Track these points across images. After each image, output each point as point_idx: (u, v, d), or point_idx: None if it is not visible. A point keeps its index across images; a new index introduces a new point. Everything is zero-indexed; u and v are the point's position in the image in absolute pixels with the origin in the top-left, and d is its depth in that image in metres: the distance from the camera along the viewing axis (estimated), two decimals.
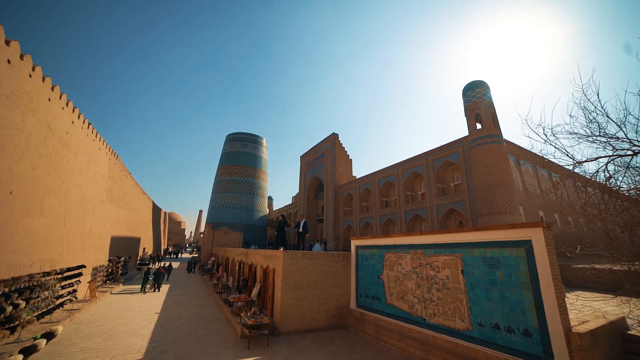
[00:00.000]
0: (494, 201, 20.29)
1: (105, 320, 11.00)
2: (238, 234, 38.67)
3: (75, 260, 13.26)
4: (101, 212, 18.10)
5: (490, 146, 21.67)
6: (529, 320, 6.05)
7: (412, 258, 9.62)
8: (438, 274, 8.59)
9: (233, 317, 11.58)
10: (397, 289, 10.02)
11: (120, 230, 23.96)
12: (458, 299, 7.79)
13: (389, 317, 10.04)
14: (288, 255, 11.07)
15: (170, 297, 16.61)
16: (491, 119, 22.61)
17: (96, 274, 16.66)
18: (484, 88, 23.67)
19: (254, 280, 14.25)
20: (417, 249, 9.51)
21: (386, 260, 10.77)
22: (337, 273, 12.04)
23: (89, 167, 15.57)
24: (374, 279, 11.17)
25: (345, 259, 12.41)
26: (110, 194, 20.13)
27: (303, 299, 11.01)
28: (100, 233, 18.07)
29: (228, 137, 55.92)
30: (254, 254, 15.15)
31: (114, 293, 16.90)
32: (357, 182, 36.98)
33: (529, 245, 6.37)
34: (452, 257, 8.27)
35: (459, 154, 24.85)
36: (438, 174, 26.98)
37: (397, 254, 10.27)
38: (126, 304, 14.35)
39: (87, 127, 15.43)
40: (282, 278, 10.78)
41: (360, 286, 11.81)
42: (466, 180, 23.63)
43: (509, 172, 21.03)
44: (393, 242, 10.55)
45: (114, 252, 21.82)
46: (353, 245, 12.67)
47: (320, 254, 11.83)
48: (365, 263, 11.83)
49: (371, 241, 11.72)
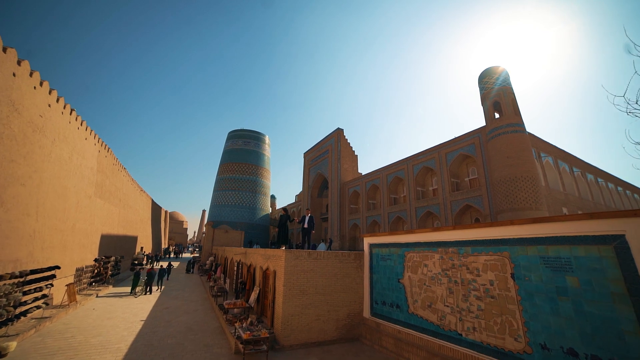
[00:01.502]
0: (517, 196, 18.47)
1: (78, 331, 9.42)
2: (239, 233, 37.16)
3: (51, 260, 11.74)
4: (88, 208, 16.61)
5: (511, 136, 19.84)
6: (632, 348, 4.32)
7: (442, 258, 7.93)
8: (477, 278, 6.89)
9: (227, 327, 9.98)
10: (422, 296, 8.33)
11: (113, 227, 22.51)
12: (508, 311, 6.08)
13: (413, 330, 8.37)
14: (291, 255, 9.43)
15: (162, 301, 15.06)
16: (512, 106, 20.79)
17: (81, 275, 15.18)
18: (503, 74, 21.85)
19: (252, 283, 12.63)
20: (449, 247, 7.82)
21: (408, 260, 9.09)
22: (348, 276, 10.38)
23: (71, 157, 14.07)
24: (392, 283, 9.50)
25: (358, 260, 10.74)
26: (99, 188, 18.65)
27: (309, 307, 9.36)
28: (88, 230, 16.59)
29: (230, 134, 54.55)
30: (253, 253, 13.54)
31: (100, 296, 15.39)
32: (363, 178, 35.28)
33: (620, 242, 4.65)
34: (496, 256, 6.57)
35: (475, 145, 23.04)
36: (452, 168, 25.18)
37: (422, 253, 8.58)
38: (110, 309, 12.81)
39: (69, 114, 13.92)
40: (285, 282, 9.14)
41: (376, 291, 10.14)
42: (484, 174, 21.83)
43: (532, 164, 19.20)
44: (416, 239, 8.87)
45: (106, 250, 20.37)
46: (366, 243, 11.00)
47: (329, 253, 10.18)
48: (381, 264, 10.15)
49: (389, 238, 10.04)
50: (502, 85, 21.39)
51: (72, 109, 14.05)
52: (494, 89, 21.53)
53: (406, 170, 29.28)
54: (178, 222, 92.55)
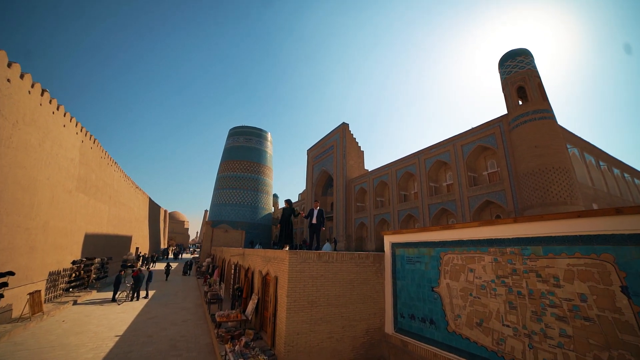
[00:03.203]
0: (548, 189, 16.43)
1: (29, 354, 7.56)
2: (240, 233, 35.32)
3: (11, 263, 9.91)
4: (67, 204, 14.80)
5: (539, 123, 17.81)
6: None
7: (497, 261, 5.98)
8: (557, 290, 4.94)
9: (218, 345, 8.10)
10: (468, 310, 6.38)
11: (101, 226, 20.73)
12: (621, 344, 4.12)
13: (455, 354, 6.42)
14: (297, 257, 7.52)
15: (149, 309, 13.21)
16: (538, 91, 18.75)
17: (57, 280, 13.37)
18: (527, 56, 19.83)
19: (250, 290, 10.72)
20: (507, 245, 5.87)
21: (445, 263, 7.15)
22: (366, 282, 8.45)
23: (43, 145, 12.26)
24: (423, 292, 7.56)
25: (377, 262, 8.81)
26: (83, 182, 16.84)
27: (319, 322, 7.44)
28: (67, 229, 14.78)
29: (231, 131, 52.84)
30: (251, 254, 11.64)
31: (80, 303, 13.56)
32: (370, 174, 33.30)
33: None
34: (589, 260, 4.62)
35: (496, 136, 21.00)
36: (468, 161, 23.16)
37: (466, 255, 6.63)
38: (84, 320, 10.96)
39: (40, 95, 12.12)
40: (288, 291, 7.22)
41: (401, 301, 8.20)
42: (506, 167, 19.80)
43: (564, 154, 17.16)
44: (458, 236, 6.91)
45: (92, 252, 18.57)
46: (387, 242, 9.06)
47: (344, 255, 8.26)
48: (407, 268, 8.21)
49: (418, 236, 8.09)
50: (527, 69, 19.36)
51: (43, 90, 12.25)
52: (518, 73, 19.49)
53: (417, 165, 27.28)
54: (179, 222, 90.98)
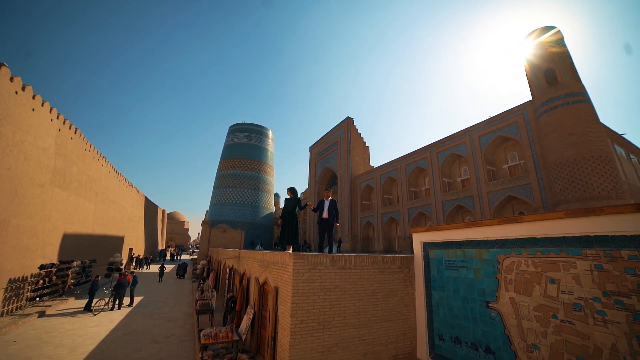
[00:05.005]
0: (587, 181, 14.41)
1: None
2: (239, 233, 33.43)
3: None
4: (38, 199, 12.97)
5: (573, 107, 15.80)
6: None
7: (603, 269, 4.02)
8: None
9: None
10: (551, 339, 4.43)
11: (86, 226, 18.91)
12: None
13: None
14: (303, 262, 5.58)
15: (129, 321, 11.32)
16: (570, 73, 16.75)
17: (21, 288, 11.52)
18: (556, 34, 17.81)
19: (245, 301, 8.77)
20: (622, 247, 3.91)
21: (506, 270, 5.19)
22: (393, 294, 6.50)
23: (4, 131, 10.42)
24: (474, 308, 5.61)
25: (406, 267, 6.86)
26: (60, 176, 15.00)
27: (334, 350, 5.51)
28: (36, 228, 12.94)
29: (231, 128, 51.08)
30: (247, 257, 9.72)
31: (48, 314, 11.68)
32: (377, 171, 31.35)
33: None
34: None
35: (519, 125, 19.02)
36: (486, 153, 21.17)
37: (543, 259, 4.68)
38: (43, 338, 9.04)
39: None
40: (293, 309, 5.29)
41: (439, 319, 6.25)
42: (532, 158, 17.83)
43: (604, 141, 15.12)
44: (527, 233, 4.95)
45: (73, 254, 16.74)
46: (417, 241, 7.11)
47: (364, 259, 6.32)
48: (447, 275, 6.27)
49: (462, 233, 6.13)
50: (556, 48, 17.37)
51: (1, 63, 10.41)
52: (547, 53, 17.49)
53: (429, 159, 25.31)
54: (178, 222, 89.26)
